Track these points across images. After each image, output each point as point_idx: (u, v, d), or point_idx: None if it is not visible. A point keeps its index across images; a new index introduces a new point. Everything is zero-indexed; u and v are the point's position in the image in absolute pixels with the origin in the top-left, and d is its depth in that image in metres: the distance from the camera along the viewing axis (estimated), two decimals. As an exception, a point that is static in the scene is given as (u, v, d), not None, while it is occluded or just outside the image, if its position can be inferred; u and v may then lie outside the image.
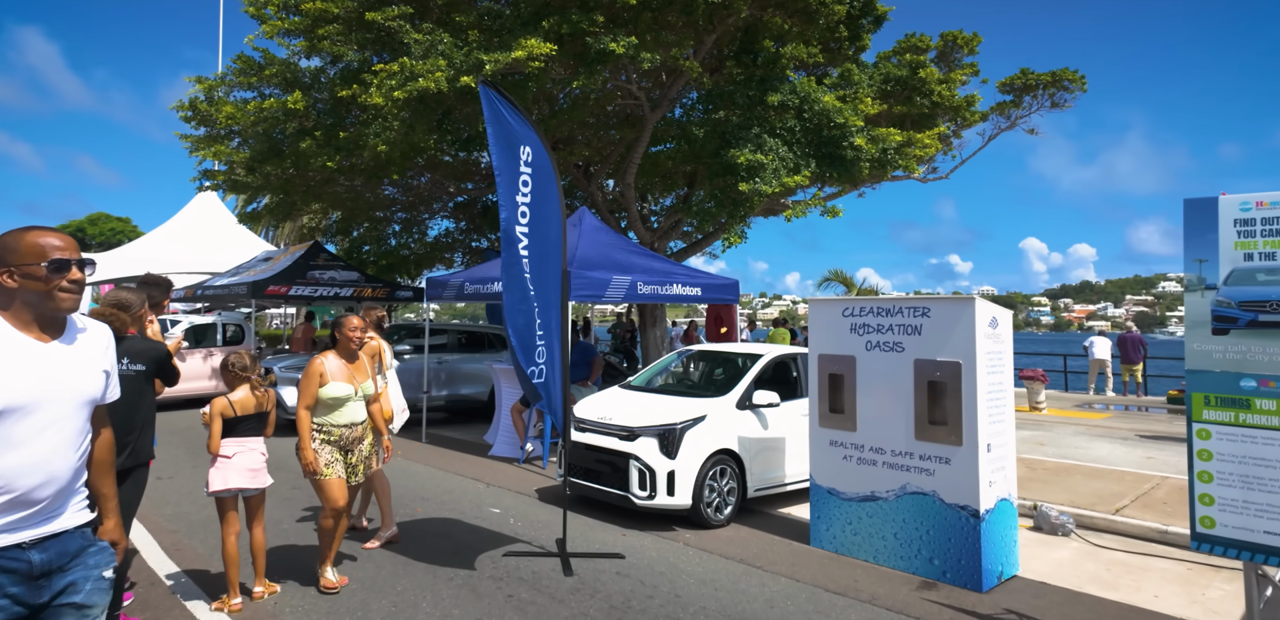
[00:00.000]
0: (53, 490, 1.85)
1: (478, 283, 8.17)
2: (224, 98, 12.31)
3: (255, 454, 3.92)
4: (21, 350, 1.85)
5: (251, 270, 13.45)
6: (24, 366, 1.83)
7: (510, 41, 8.66)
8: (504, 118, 4.49)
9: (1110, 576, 4.69)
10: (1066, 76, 14.01)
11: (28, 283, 1.84)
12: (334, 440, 4.08)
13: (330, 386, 4.04)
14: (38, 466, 1.82)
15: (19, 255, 1.85)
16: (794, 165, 10.14)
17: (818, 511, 5.20)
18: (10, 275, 1.85)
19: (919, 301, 4.74)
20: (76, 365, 1.96)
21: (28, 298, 1.86)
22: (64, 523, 1.90)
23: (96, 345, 2.06)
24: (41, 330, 1.91)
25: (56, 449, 1.87)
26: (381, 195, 15.34)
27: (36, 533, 1.84)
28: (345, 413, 4.11)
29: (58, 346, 1.93)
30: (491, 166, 15.15)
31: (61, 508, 1.91)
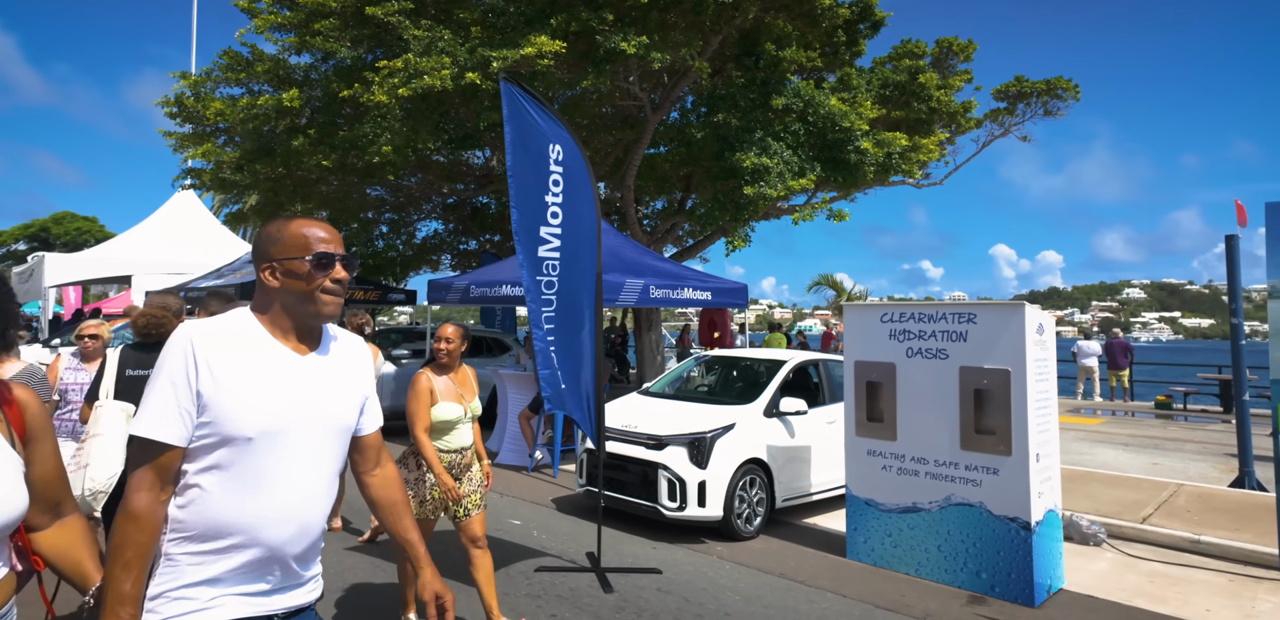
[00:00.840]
0: (304, 545, 1.51)
1: (484, 286, 7.93)
2: (209, 94, 11.94)
3: None
4: (281, 364, 1.52)
5: (237, 272, 13.01)
6: (282, 384, 1.50)
7: (516, 39, 8.47)
8: (527, 115, 4.30)
9: (1155, 589, 4.60)
10: (1060, 85, 14.15)
11: (289, 282, 1.53)
12: (444, 468, 3.56)
13: (440, 407, 3.54)
14: (291, 512, 1.48)
15: (282, 247, 1.54)
16: (799, 169, 10.06)
17: (854, 523, 5.06)
18: (272, 272, 1.55)
19: (964, 307, 4.63)
20: (335, 384, 1.61)
21: (287, 300, 1.54)
22: (311, 592, 1.57)
23: (355, 361, 1.69)
24: (299, 340, 1.58)
25: (312, 490, 1.52)
26: (370, 196, 15.01)
27: (287, 603, 1.50)
28: (456, 437, 3.60)
29: (315, 360, 1.59)
30: (482, 167, 14.96)
31: (310, 568, 1.57)
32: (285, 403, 1.49)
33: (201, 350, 1.45)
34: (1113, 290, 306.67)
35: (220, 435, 1.43)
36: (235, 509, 1.43)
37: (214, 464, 1.43)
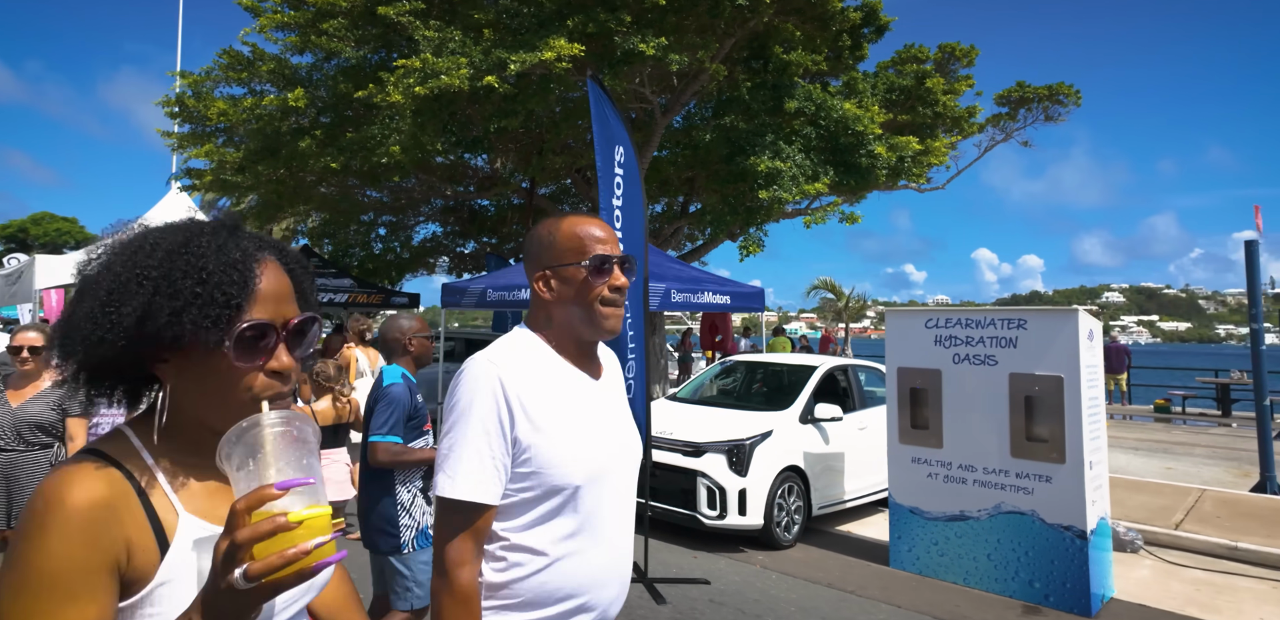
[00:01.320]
0: (620, 605, 1.34)
1: (501, 289, 7.80)
2: (209, 93, 11.73)
3: (340, 465, 3.86)
4: (586, 395, 1.31)
5: (236, 274, 12.80)
6: (595, 419, 1.30)
7: (532, 40, 8.36)
8: (607, 116, 4.23)
9: (1204, 598, 4.57)
10: (1062, 90, 14.25)
11: (565, 291, 1.30)
12: None
13: None
14: (617, 568, 1.30)
15: (555, 252, 1.31)
16: (812, 172, 10.03)
17: (898, 531, 4.99)
18: (545, 281, 1.32)
19: (1014, 313, 4.58)
20: (625, 412, 1.41)
21: (565, 315, 1.31)
22: None
23: (620, 380, 1.49)
24: (586, 362, 1.36)
25: (627, 541, 1.33)
26: (369, 198, 14.82)
27: None
28: None
29: (605, 386, 1.38)
30: (485, 170, 14.81)
31: None
32: (602, 441, 1.30)
33: (513, 388, 1.22)
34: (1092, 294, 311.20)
35: (544, 487, 1.22)
36: (567, 569, 1.23)
37: (536, 520, 1.22)
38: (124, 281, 0.82)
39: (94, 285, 0.84)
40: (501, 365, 1.24)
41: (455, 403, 1.23)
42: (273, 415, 0.77)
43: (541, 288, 1.33)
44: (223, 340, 0.82)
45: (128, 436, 0.88)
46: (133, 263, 0.84)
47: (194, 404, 0.86)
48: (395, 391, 2.86)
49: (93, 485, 0.79)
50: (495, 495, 1.19)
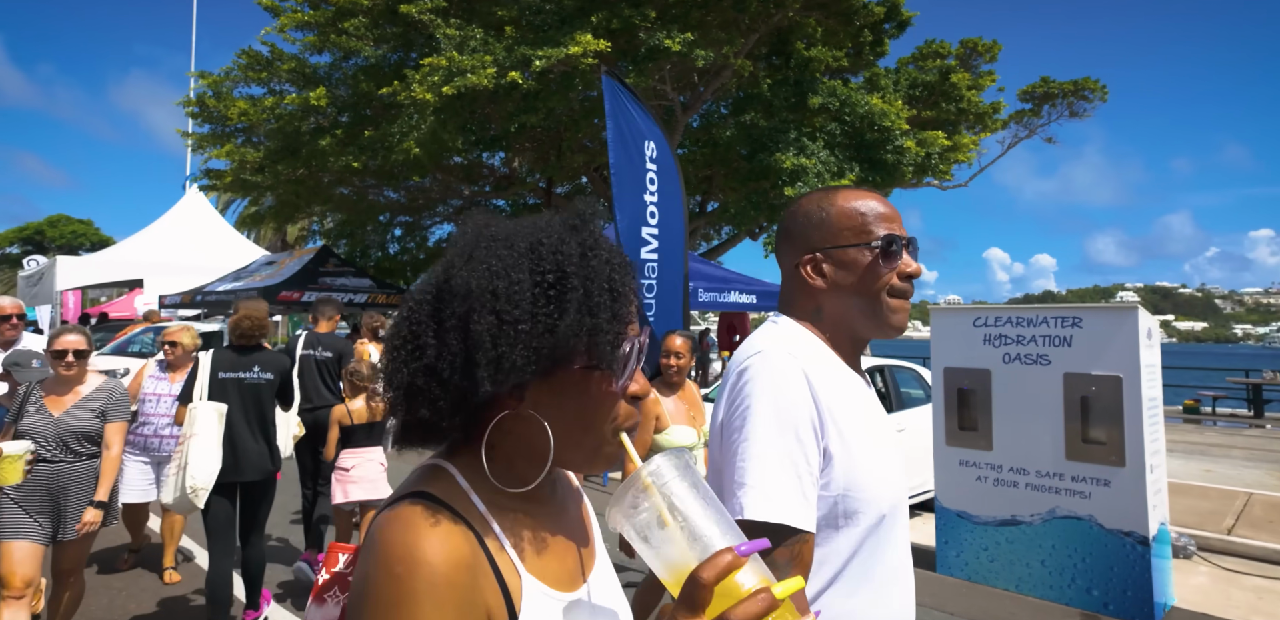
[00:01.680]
0: None
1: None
2: (229, 93, 11.72)
3: (374, 464, 3.85)
4: (873, 405, 1.11)
5: (256, 275, 12.75)
6: (885, 434, 1.09)
7: (556, 37, 8.27)
8: (627, 111, 4.11)
9: (1268, 606, 4.40)
10: (1088, 85, 14.03)
11: (843, 278, 1.08)
12: None
13: (672, 431, 3.03)
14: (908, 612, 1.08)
15: (828, 231, 1.09)
16: (838, 169, 9.88)
17: (945, 536, 4.84)
18: (815, 266, 1.10)
19: (1068, 310, 4.43)
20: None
21: (841, 306, 1.09)
22: None
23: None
24: (857, 365, 1.15)
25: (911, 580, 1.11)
26: (386, 198, 14.78)
27: None
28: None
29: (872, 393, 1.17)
30: (502, 169, 14.74)
31: None
32: (896, 461, 1.07)
33: (819, 387, 1.00)
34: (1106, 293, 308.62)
35: (848, 514, 0.99)
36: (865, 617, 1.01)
37: (834, 555, 0.99)
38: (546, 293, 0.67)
39: (490, 296, 0.67)
40: (805, 362, 1.02)
41: (748, 400, 1.00)
42: (671, 457, 0.64)
43: (810, 273, 1.10)
44: (612, 361, 0.69)
45: (453, 476, 0.71)
46: (542, 269, 0.68)
47: (537, 437, 0.70)
48: None
49: (452, 541, 0.64)
50: (810, 520, 0.95)
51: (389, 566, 0.62)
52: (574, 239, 0.70)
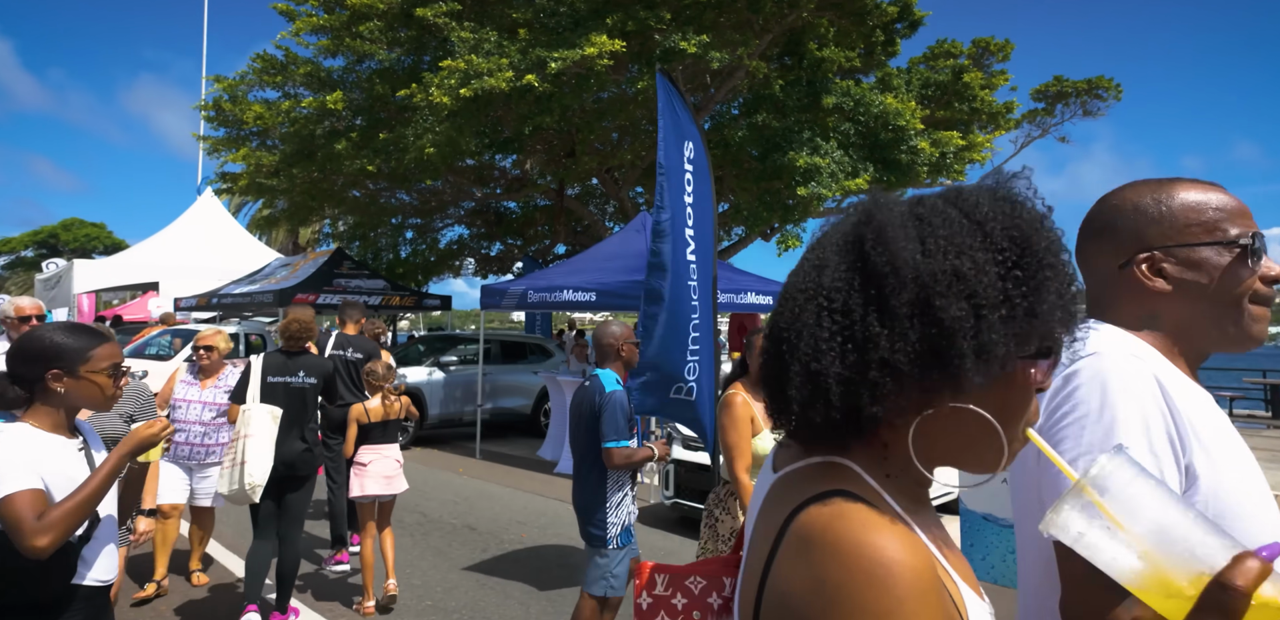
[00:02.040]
0: None
1: (543, 291, 7.72)
2: (244, 97, 11.81)
3: (390, 461, 3.99)
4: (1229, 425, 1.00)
5: (271, 277, 12.83)
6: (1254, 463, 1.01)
7: (572, 39, 8.30)
8: (675, 110, 4.12)
9: None
10: (1101, 84, 13.97)
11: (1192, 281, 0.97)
12: None
13: (766, 437, 2.79)
14: None
15: (1169, 227, 0.98)
16: (851, 169, 9.87)
17: (970, 539, 4.80)
18: (1152, 266, 0.99)
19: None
20: None
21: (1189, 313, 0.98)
22: None
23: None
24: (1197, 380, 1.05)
25: None
26: (399, 201, 14.86)
27: None
28: None
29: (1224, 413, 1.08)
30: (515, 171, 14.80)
31: None
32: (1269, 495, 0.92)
33: (1176, 397, 0.89)
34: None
35: None
36: None
37: None
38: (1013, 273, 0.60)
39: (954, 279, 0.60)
40: (1153, 364, 0.92)
41: (1083, 407, 0.89)
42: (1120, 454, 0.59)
43: (1147, 274, 0.98)
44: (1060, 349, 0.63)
45: (859, 474, 0.65)
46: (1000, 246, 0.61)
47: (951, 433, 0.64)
48: (617, 397, 3.04)
49: (918, 543, 0.58)
50: None
51: (869, 572, 0.55)
52: (1019, 211, 0.64)
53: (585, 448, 3.09)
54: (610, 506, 3.04)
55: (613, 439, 2.95)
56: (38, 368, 1.64)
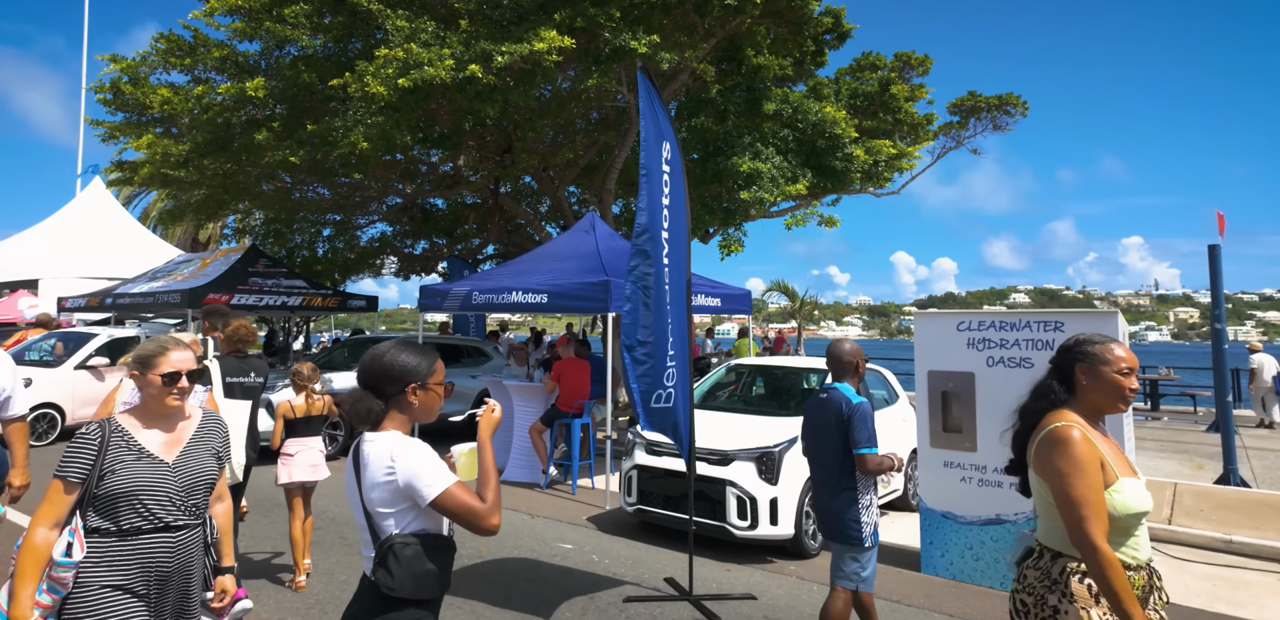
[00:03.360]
0: None
1: (489, 292, 7.43)
2: (146, 80, 10.87)
3: (314, 451, 4.46)
4: None
5: (174, 275, 11.86)
6: None
7: (518, 33, 8.04)
8: (655, 111, 4.02)
9: (1225, 593, 4.70)
10: (1011, 101, 14.79)
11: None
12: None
13: (1127, 490, 1.97)
14: None
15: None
16: (791, 174, 10.05)
17: (930, 536, 4.95)
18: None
19: (1051, 315, 4.61)
20: None
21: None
22: None
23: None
24: None
25: None
26: (318, 195, 14.07)
27: None
28: (1144, 539, 2.02)
29: None
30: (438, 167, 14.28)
31: None
32: None
33: None
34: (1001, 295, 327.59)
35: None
36: None
37: None
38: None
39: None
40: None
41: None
42: None
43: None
44: None
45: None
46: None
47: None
48: (865, 408, 3.31)
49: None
50: None
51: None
52: None
53: (832, 456, 3.35)
54: (862, 508, 3.31)
55: (866, 446, 3.24)
56: (400, 384, 1.87)
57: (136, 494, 1.99)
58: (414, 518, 1.80)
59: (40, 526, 1.94)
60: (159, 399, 2.10)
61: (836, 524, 3.32)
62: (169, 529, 2.03)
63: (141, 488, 1.99)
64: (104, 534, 1.98)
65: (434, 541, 1.82)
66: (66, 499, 1.96)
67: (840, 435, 3.29)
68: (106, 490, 1.98)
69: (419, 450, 1.80)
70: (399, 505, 1.78)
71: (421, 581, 1.78)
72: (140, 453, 2.05)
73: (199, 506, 2.12)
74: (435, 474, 1.77)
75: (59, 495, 1.96)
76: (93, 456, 1.99)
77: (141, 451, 2.05)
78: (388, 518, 1.78)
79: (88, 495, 1.98)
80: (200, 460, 2.15)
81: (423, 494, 1.75)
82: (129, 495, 1.98)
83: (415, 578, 1.77)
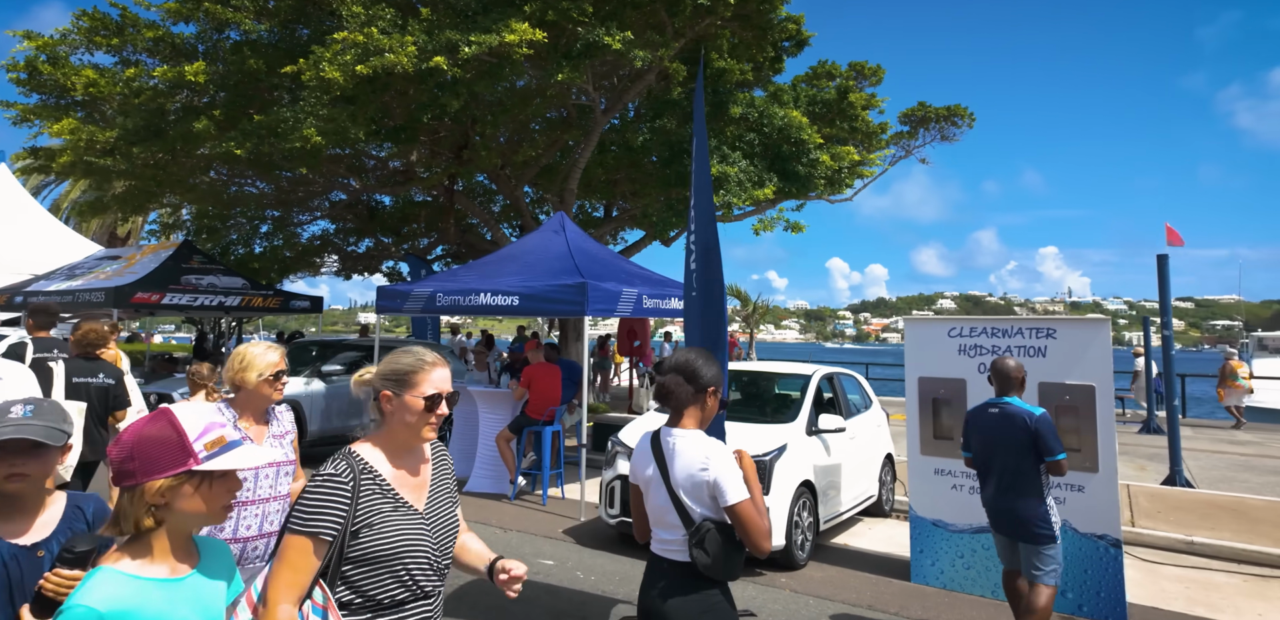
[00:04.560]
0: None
1: (455, 294, 7.07)
2: (67, 59, 10.05)
3: None
4: None
5: (97, 272, 10.98)
6: None
7: (485, 23, 7.71)
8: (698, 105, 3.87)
9: (1200, 596, 4.80)
10: (959, 112, 15.19)
11: None
12: None
13: None
14: None
15: None
16: (758, 178, 10.01)
17: (920, 545, 4.90)
18: None
19: (1042, 322, 4.62)
20: None
21: None
22: None
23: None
24: None
25: None
26: (259, 189, 13.29)
27: None
28: None
29: None
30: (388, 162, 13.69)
31: None
32: None
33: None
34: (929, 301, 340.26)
35: None
36: None
37: None
38: None
39: None
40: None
41: None
42: None
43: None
44: None
45: None
46: None
47: None
48: (1048, 417, 3.67)
49: None
50: None
51: None
52: None
53: (1017, 464, 3.64)
54: (1050, 508, 3.63)
55: (1060, 452, 3.57)
56: (705, 384, 2.15)
57: (401, 556, 1.57)
58: (710, 510, 2.04)
59: (283, 603, 1.47)
60: (415, 429, 1.66)
61: (1027, 526, 3.59)
62: (427, 597, 1.65)
63: (406, 547, 1.59)
64: (357, 610, 1.55)
65: (731, 532, 2.03)
66: (313, 563, 1.51)
67: (1027, 444, 3.59)
68: (363, 552, 1.54)
69: (729, 456, 2.08)
70: (702, 496, 2.04)
71: (730, 563, 2.02)
72: (396, 500, 1.63)
73: (449, 567, 1.74)
74: (739, 482, 2.02)
75: (305, 558, 1.50)
76: (346, 505, 1.54)
77: (396, 499, 1.63)
78: (695, 505, 2.05)
79: (336, 558, 1.55)
80: (448, 508, 1.75)
81: (726, 496, 1.99)
82: (393, 558, 1.56)
83: (728, 560, 2.02)
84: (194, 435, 1.31)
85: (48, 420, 1.57)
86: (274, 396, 2.50)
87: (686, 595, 2.01)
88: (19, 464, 1.52)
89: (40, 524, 1.60)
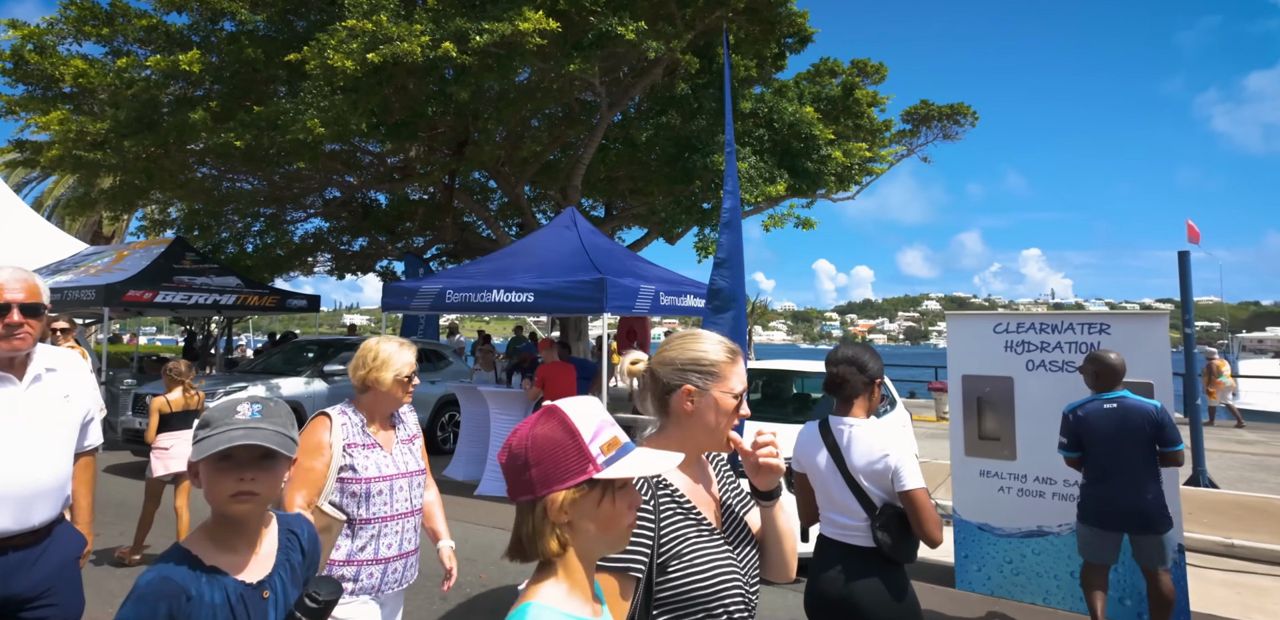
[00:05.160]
0: None
1: (465, 291, 6.83)
2: (54, 49, 9.71)
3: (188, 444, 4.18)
4: None
5: (87, 268, 10.61)
6: None
7: (495, 12, 7.47)
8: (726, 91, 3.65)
9: (1250, 601, 4.64)
10: (962, 110, 15.13)
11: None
12: None
13: None
14: None
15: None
16: (769, 174, 9.81)
17: (965, 550, 4.70)
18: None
19: (1095, 317, 4.43)
20: None
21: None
22: None
23: None
24: None
25: None
26: (253, 185, 12.95)
27: None
28: None
29: None
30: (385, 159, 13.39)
31: None
32: None
33: None
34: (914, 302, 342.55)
35: None
36: None
37: None
38: None
39: None
40: None
41: None
42: None
43: None
44: None
45: None
46: None
47: None
48: (1167, 410, 3.70)
49: None
50: None
51: None
52: None
53: (1138, 457, 3.64)
54: (1166, 495, 3.68)
55: (1180, 442, 3.61)
56: (872, 375, 2.30)
57: (719, 594, 1.26)
58: (890, 495, 2.16)
59: None
60: (719, 432, 1.34)
61: (1150, 516, 3.61)
62: None
63: (722, 582, 1.28)
64: None
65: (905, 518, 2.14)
66: (622, 610, 1.22)
67: (1149, 437, 3.60)
68: (676, 590, 1.25)
69: (907, 443, 2.19)
70: (884, 482, 2.16)
71: (911, 546, 2.16)
72: (700, 522, 1.32)
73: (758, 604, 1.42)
74: (918, 470, 2.13)
75: (613, 603, 1.20)
76: (651, 529, 1.25)
77: (700, 520, 1.32)
78: (876, 489, 2.18)
79: (642, 603, 1.25)
80: (745, 529, 1.41)
81: (904, 482, 2.12)
82: (711, 598, 1.26)
83: (910, 543, 2.15)
84: (589, 436, 1.01)
85: (278, 424, 1.25)
86: (405, 400, 2.28)
87: (873, 577, 2.15)
88: (248, 478, 1.21)
89: (261, 556, 1.30)
